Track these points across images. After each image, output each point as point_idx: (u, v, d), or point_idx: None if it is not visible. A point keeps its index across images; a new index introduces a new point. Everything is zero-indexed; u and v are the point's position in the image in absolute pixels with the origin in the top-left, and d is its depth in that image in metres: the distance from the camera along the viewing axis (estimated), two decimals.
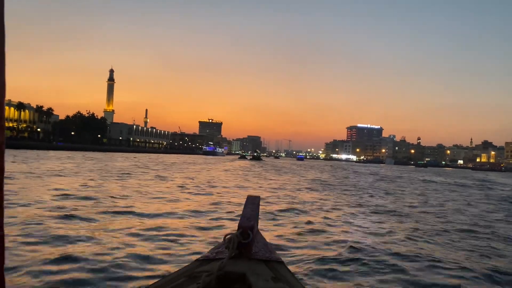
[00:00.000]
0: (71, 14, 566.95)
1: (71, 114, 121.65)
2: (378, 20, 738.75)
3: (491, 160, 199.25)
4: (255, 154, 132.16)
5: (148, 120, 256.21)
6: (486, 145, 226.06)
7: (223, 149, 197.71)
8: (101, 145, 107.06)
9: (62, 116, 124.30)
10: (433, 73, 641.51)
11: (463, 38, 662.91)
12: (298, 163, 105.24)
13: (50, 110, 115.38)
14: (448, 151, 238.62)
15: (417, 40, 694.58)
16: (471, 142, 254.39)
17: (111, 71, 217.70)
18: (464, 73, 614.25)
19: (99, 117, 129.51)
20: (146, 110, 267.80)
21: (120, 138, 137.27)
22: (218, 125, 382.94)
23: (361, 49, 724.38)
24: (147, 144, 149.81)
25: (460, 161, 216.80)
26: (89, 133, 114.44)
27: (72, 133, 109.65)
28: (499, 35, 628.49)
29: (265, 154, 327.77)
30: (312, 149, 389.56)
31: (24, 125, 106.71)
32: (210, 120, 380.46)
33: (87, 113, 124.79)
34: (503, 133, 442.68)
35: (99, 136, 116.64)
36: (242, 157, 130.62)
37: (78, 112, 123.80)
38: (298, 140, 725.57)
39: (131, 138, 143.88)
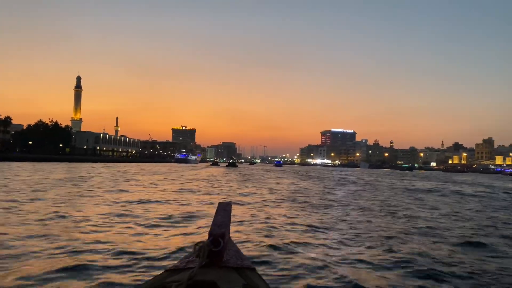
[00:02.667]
0: (36, 20, 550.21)
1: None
2: (350, 24, 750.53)
3: (463, 162, 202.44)
4: (231, 161, 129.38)
5: (119, 129, 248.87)
6: (457, 147, 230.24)
7: (196, 156, 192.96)
8: (63, 155, 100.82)
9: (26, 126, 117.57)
10: (403, 77, 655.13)
11: (434, 41, 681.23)
12: (277, 169, 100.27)
13: (8, 119, 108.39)
14: (421, 154, 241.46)
15: (388, 44, 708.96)
16: (442, 144, 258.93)
17: (78, 78, 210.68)
18: (434, 76, 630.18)
19: (63, 126, 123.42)
20: (117, 118, 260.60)
21: (85, 147, 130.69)
22: (192, 132, 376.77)
23: (333, 53, 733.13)
24: (115, 153, 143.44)
25: (433, 163, 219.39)
26: (52, 143, 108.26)
27: (30, 142, 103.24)
28: (470, 39, 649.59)
29: (241, 160, 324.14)
30: (287, 154, 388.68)
31: None
32: (184, 127, 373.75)
33: (50, 122, 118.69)
34: (473, 134, 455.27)
35: (61, 145, 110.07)
36: (215, 164, 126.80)
37: (40, 121, 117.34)
38: (273, 146, 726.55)
39: (98, 147, 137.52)
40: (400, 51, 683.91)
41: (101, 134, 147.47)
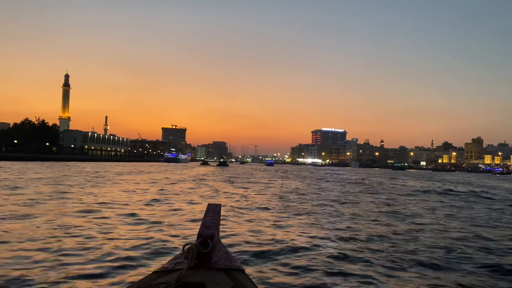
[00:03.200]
0: (22, 15, 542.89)
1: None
2: (342, 25, 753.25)
3: (452, 161, 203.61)
4: (222, 160, 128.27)
5: (108, 127, 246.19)
6: (447, 146, 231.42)
7: (186, 156, 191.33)
8: (49, 154, 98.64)
9: None
10: (394, 78, 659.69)
11: (424, 43, 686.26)
12: (269, 168, 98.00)
13: None
14: (412, 153, 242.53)
15: (378, 45, 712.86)
16: (432, 143, 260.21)
17: (67, 76, 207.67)
18: (424, 77, 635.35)
19: (50, 125, 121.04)
20: (106, 117, 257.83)
21: (72, 146, 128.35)
22: (182, 131, 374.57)
23: (324, 53, 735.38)
24: (103, 152, 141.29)
25: (423, 163, 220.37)
26: (38, 142, 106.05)
27: (15, 141, 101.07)
28: (459, 40, 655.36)
29: (232, 159, 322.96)
30: (278, 154, 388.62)
31: None
32: (174, 126, 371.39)
33: (37, 120, 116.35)
34: (462, 134, 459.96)
35: (47, 144, 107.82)
36: (204, 163, 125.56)
37: (26, 119, 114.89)
38: (264, 145, 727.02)
39: (86, 146, 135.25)
40: (390, 52, 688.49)
41: (89, 133, 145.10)
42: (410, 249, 7.43)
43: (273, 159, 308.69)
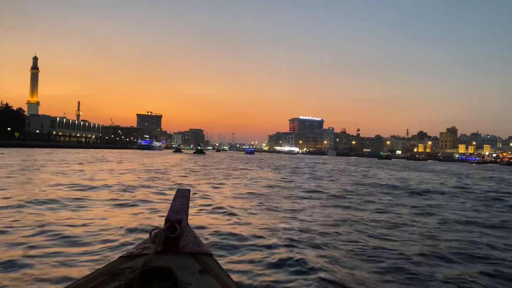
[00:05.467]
0: None
1: None
2: (317, 13, 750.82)
3: (428, 150, 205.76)
4: (198, 148, 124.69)
5: (80, 113, 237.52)
6: (422, 136, 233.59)
7: (160, 143, 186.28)
8: (11, 140, 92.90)
9: None
10: (370, 66, 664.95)
11: (398, 31, 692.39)
12: (250, 157, 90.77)
13: None
14: (388, 142, 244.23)
15: (354, 33, 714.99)
16: (407, 132, 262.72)
17: (35, 59, 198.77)
18: (399, 66, 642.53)
19: (16, 109, 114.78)
20: (79, 102, 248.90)
21: (38, 131, 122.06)
22: (158, 118, 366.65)
23: (301, 41, 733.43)
24: (72, 139, 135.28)
25: (398, 151, 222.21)
26: (1, 127, 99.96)
27: None
28: (434, 28, 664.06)
29: (209, 147, 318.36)
30: (256, 142, 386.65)
31: None
32: (149, 113, 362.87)
33: (0, 104, 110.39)
34: (436, 124, 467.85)
35: (9, 129, 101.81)
36: (177, 151, 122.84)
37: None
38: (241, 133, 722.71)
39: (54, 132, 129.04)
40: (366, 42, 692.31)
41: (58, 118, 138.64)
42: None
43: (251, 147, 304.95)
